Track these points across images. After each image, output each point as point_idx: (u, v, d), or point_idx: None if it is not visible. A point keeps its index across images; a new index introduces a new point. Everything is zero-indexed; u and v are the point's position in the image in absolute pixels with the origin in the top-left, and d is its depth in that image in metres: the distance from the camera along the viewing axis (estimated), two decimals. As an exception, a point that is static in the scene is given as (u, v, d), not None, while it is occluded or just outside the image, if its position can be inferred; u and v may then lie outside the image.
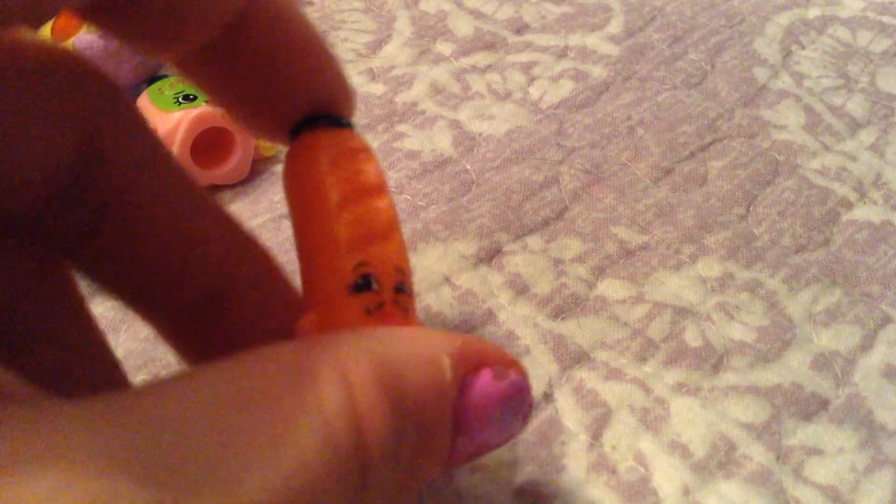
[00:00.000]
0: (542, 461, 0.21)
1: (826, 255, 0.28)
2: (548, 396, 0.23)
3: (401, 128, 0.32)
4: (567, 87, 0.35)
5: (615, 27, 0.39)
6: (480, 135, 0.32)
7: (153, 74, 0.31)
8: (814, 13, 0.42)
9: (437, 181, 0.30)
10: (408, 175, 0.30)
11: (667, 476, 0.21)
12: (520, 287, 0.26)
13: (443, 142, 0.32)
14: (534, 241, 0.28)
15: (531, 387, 0.14)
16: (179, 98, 0.28)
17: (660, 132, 0.33)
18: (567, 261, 0.27)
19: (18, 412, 0.08)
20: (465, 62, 0.36)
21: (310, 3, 0.40)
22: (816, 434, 0.23)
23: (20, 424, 0.08)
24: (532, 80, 0.35)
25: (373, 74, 0.35)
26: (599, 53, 0.37)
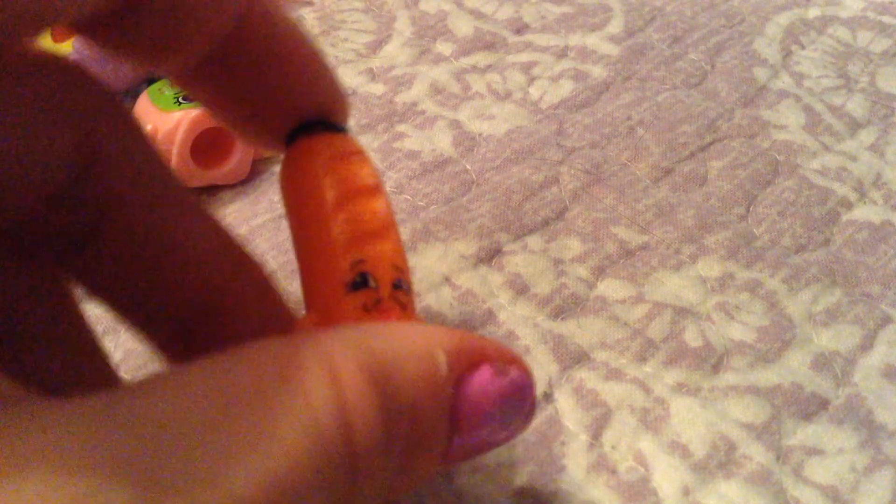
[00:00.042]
0: (542, 461, 0.21)
1: (826, 255, 0.28)
2: (548, 396, 0.23)
3: (401, 128, 0.32)
4: (567, 87, 0.35)
5: (615, 27, 0.39)
6: (480, 135, 0.32)
7: (153, 75, 0.31)
8: (814, 13, 0.42)
9: (437, 181, 0.30)
10: (408, 175, 0.30)
11: (667, 476, 0.21)
12: (520, 287, 0.26)
13: (443, 142, 0.32)
14: (534, 241, 0.28)
15: (535, 385, 0.14)
16: (179, 98, 0.28)
17: (660, 132, 0.33)
18: (567, 261, 0.27)
19: (4, 412, 0.08)
20: (465, 62, 0.36)
21: (310, 3, 0.40)
22: (816, 434, 0.23)
23: (6, 425, 0.08)
24: (532, 80, 0.35)
25: (373, 74, 0.35)
26: (599, 53, 0.37)
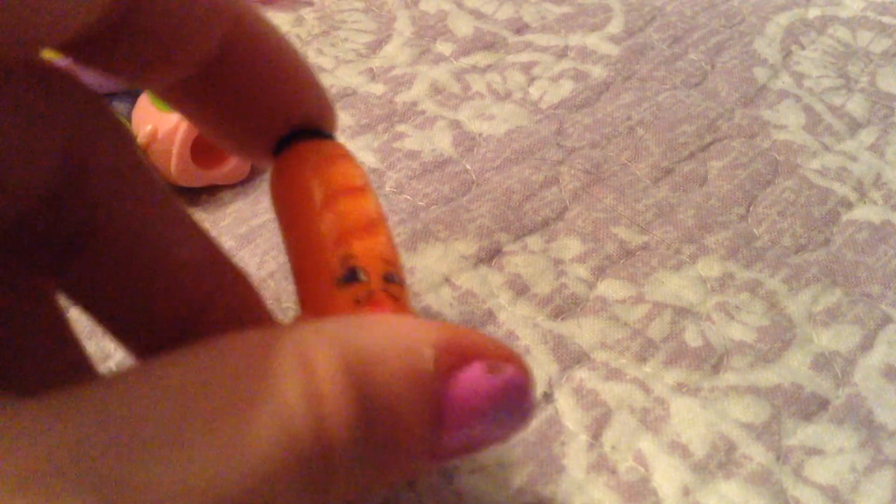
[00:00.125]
0: (542, 461, 0.21)
1: (826, 255, 0.28)
2: (548, 396, 0.23)
3: (401, 128, 0.32)
4: (567, 87, 0.35)
5: (615, 27, 0.39)
6: (480, 135, 0.32)
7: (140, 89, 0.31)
8: (814, 13, 0.42)
9: (437, 181, 0.30)
10: (408, 175, 0.30)
11: (667, 476, 0.21)
12: (520, 287, 0.26)
13: (443, 142, 0.32)
14: (534, 241, 0.28)
15: (533, 385, 0.14)
16: (179, 98, 0.27)
17: (660, 132, 0.33)
18: (567, 261, 0.27)
19: None
20: (465, 62, 0.36)
21: (310, 3, 0.40)
22: (816, 434, 0.23)
23: None
24: (532, 80, 0.35)
25: (373, 74, 0.35)
26: (599, 53, 0.37)
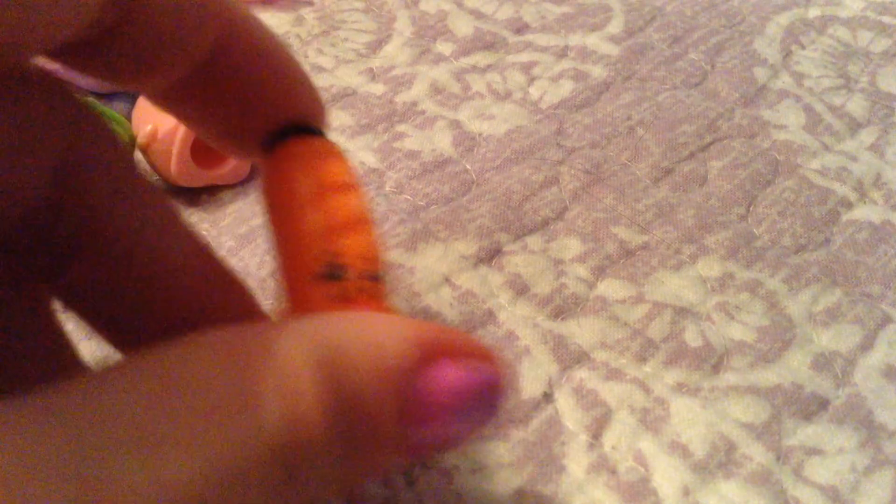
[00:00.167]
0: (542, 461, 0.21)
1: (826, 255, 0.28)
2: (548, 396, 0.23)
3: (401, 128, 0.32)
4: (567, 87, 0.35)
5: (615, 27, 0.39)
6: (480, 135, 0.32)
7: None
8: (814, 13, 0.42)
9: (437, 181, 0.30)
10: (408, 175, 0.30)
11: (667, 476, 0.21)
12: (520, 287, 0.26)
13: (443, 142, 0.32)
14: (534, 241, 0.28)
15: (506, 382, 0.14)
16: (179, 98, 0.27)
17: (660, 132, 0.33)
18: (567, 261, 0.27)
19: None
20: (465, 62, 0.36)
21: (310, 3, 0.40)
22: (816, 434, 0.23)
23: None
24: (532, 80, 0.35)
25: (373, 74, 0.35)
26: (599, 53, 0.37)
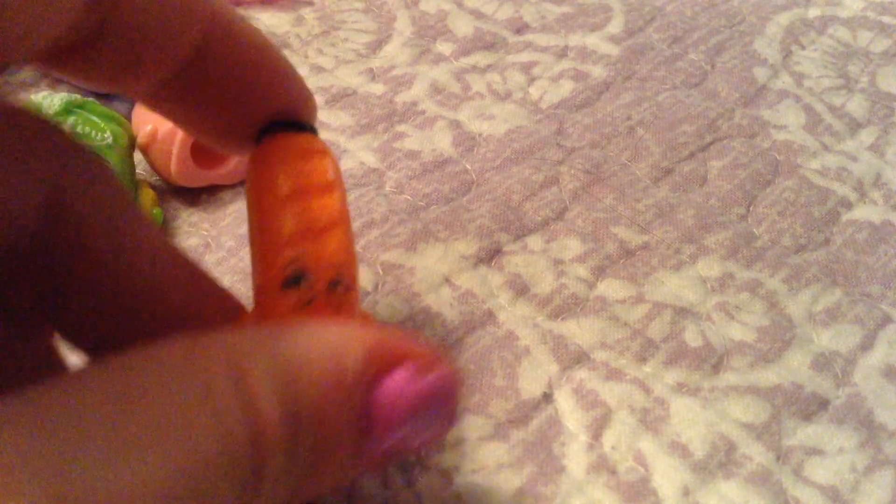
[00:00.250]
0: (542, 461, 0.21)
1: (826, 255, 0.28)
2: (548, 396, 0.23)
3: (401, 128, 0.32)
4: (567, 87, 0.35)
5: (615, 27, 0.39)
6: (480, 135, 0.32)
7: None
8: (814, 13, 0.42)
9: (437, 181, 0.30)
10: (408, 175, 0.30)
11: (667, 476, 0.21)
12: (520, 287, 0.26)
13: (443, 142, 0.32)
14: (534, 241, 0.28)
15: (460, 387, 0.14)
16: (179, 98, 0.27)
17: (660, 132, 0.33)
18: (567, 261, 0.27)
19: None
20: (465, 62, 0.36)
21: (310, 3, 0.40)
22: (816, 434, 0.23)
23: None
24: (532, 80, 0.35)
25: (373, 74, 0.35)
26: (599, 53, 0.37)
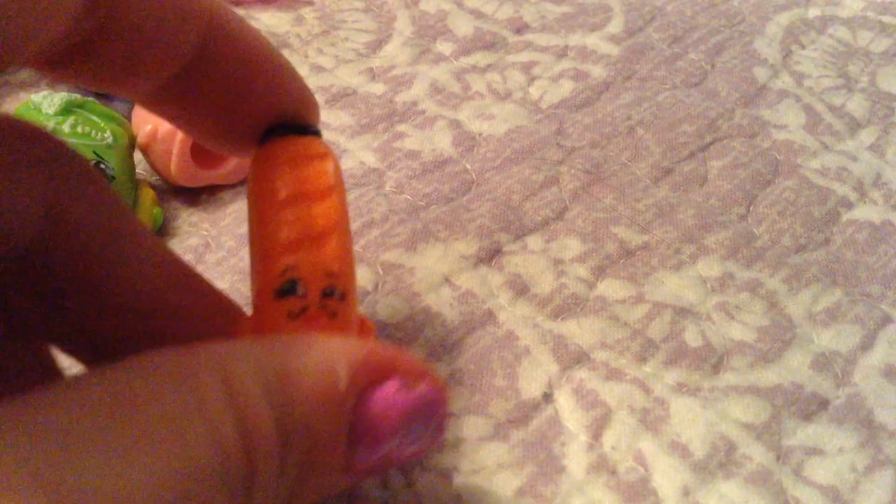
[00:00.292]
0: (542, 461, 0.21)
1: (826, 255, 0.28)
2: (548, 396, 0.23)
3: (401, 128, 0.32)
4: (567, 87, 0.35)
5: (615, 27, 0.39)
6: (480, 135, 0.32)
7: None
8: (814, 13, 0.42)
9: (437, 181, 0.30)
10: (408, 175, 0.30)
11: (667, 476, 0.21)
12: (520, 287, 0.26)
13: (443, 142, 0.32)
14: (534, 241, 0.28)
15: (446, 400, 0.14)
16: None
17: (660, 132, 0.33)
18: (567, 261, 0.27)
19: None
20: (465, 62, 0.36)
21: (310, 3, 0.40)
22: (816, 434, 0.23)
23: None
24: (532, 80, 0.35)
25: (373, 74, 0.35)
26: (599, 53, 0.37)
